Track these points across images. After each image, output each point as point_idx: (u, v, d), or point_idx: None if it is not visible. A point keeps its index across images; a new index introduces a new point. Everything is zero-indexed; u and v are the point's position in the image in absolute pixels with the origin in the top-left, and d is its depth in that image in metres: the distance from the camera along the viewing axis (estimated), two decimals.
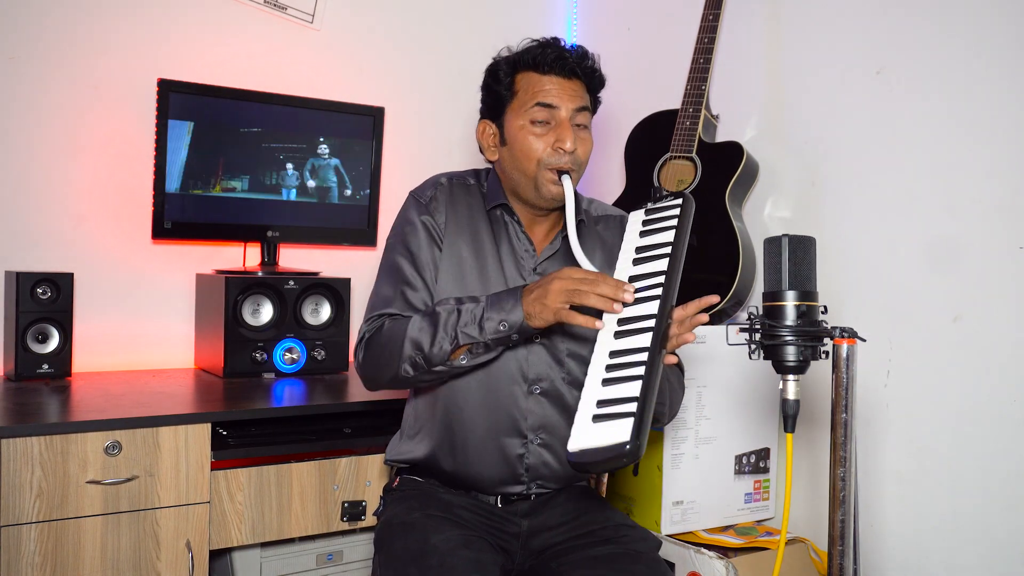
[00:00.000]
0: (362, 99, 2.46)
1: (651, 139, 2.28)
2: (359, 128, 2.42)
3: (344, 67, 2.55)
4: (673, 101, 2.25)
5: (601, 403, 1.19)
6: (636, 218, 1.47)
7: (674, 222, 1.38)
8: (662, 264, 1.32)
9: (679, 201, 1.42)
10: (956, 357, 1.81)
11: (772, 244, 1.29)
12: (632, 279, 1.33)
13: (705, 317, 1.31)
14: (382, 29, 2.61)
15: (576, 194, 1.49)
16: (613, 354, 1.24)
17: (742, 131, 2.26)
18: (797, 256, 1.27)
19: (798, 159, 2.14)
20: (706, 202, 2.11)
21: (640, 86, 2.62)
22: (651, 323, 1.23)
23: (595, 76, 1.52)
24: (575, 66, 1.48)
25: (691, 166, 2.17)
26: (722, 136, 2.28)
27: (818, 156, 2.10)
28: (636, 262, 1.36)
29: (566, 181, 1.45)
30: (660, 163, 2.22)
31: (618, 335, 1.26)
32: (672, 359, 1.29)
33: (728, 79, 2.31)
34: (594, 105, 1.55)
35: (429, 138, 2.67)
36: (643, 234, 1.41)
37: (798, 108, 2.15)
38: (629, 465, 1.17)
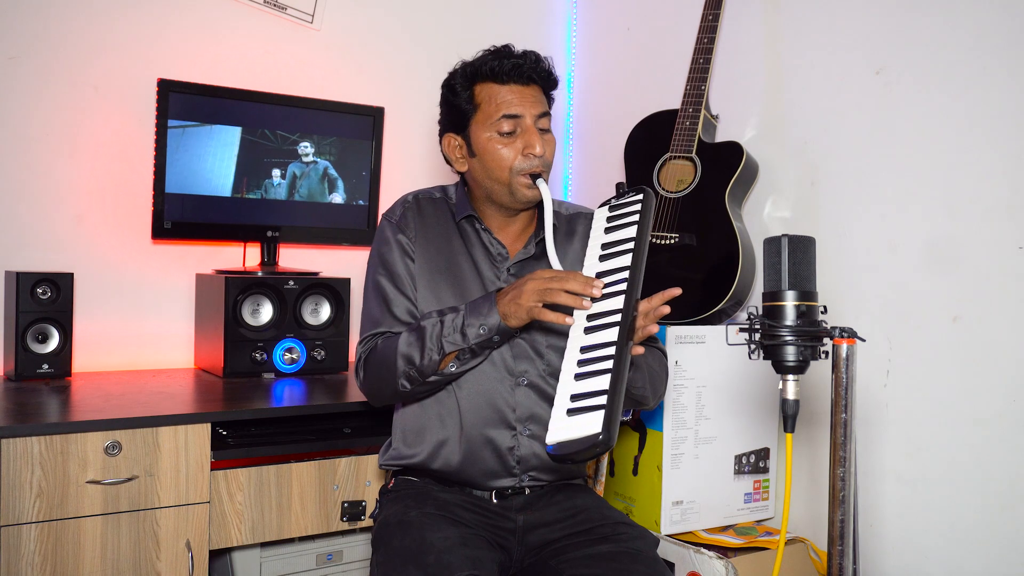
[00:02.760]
0: (362, 99, 2.46)
1: (651, 139, 2.28)
2: (359, 128, 2.42)
3: (344, 67, 2.55)
4: (673, 101, 2.25)
5: (574, 397, 1.26)
6: (601, 215, 1.53)
7: (636, 217, 1.44)
8: (626, 260, 1.38)
9: (640, 196, 1.48)
10: (956, 357, 1.81)
11: (772, 244, 1.29)
12: (599, 275, 1.39)
13: (668, 309, 1.36)
14: (382, 29, 2.61)
15: None
16: (584, 349, 1.31)
17: (742, 131, 2.26)
18: (797, 256, 1.27)
19: (798, 159, 2.14)
20: (706, 202, 2.11)
21: (640, 86, 2.62)
22: (618, 317, 1.30)
23: (551, 79, 1.58)
24: (532, 72, 1.54)
25: (691, 166, 2.17)
26: (722, 136, 2.28)
27: (818, 156, 2.10)
28: (602, 258, 1.43)
29: (542, 185, 1.52)
30: (660, 163, 2.22)
31: (588, 330, 1.33)
32: (639, 350, 1.33)
33: (728, 79, 2.31)
34: (550, 106, 1.61)
35: (429, 138, 2.67)
36: (608, 230, 1.48)
37: (798, 108, 2.15)
38: (604, 453, 1.26)
